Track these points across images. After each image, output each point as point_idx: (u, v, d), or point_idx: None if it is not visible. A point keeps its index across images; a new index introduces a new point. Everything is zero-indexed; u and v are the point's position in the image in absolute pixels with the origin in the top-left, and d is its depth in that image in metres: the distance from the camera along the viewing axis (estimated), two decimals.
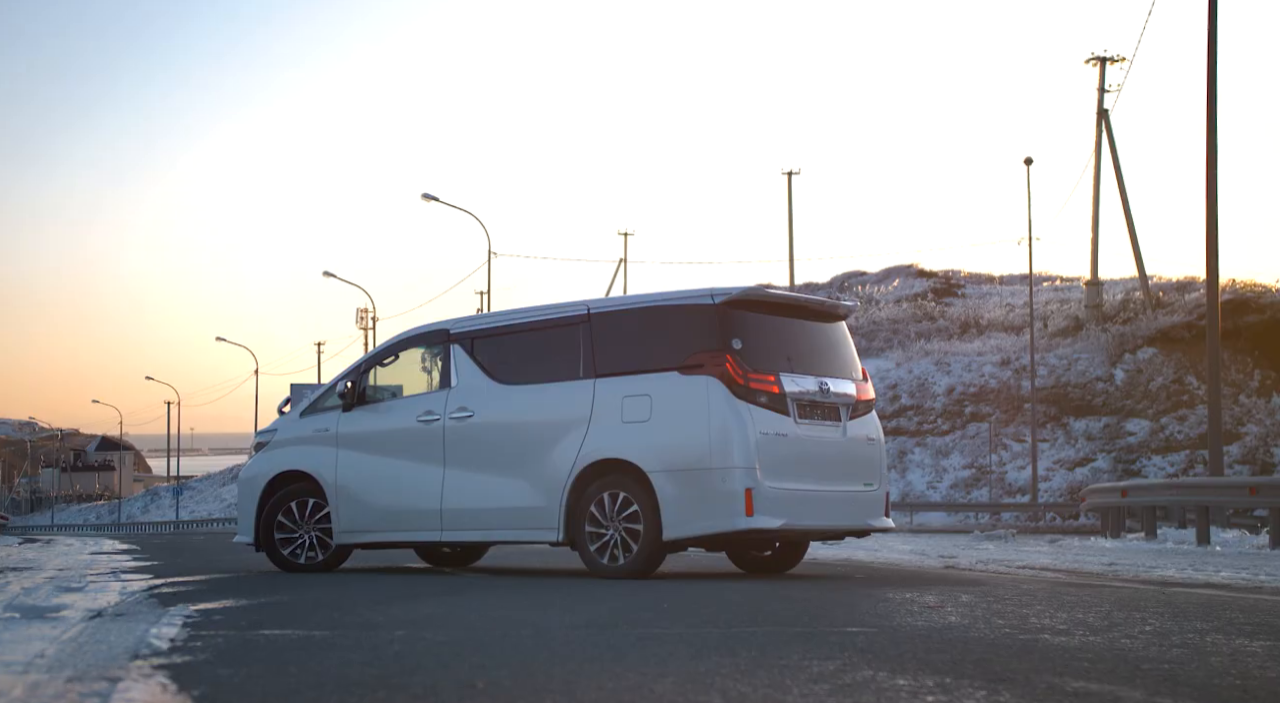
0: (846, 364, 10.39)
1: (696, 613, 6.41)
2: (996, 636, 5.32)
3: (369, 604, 7.10)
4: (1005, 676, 4.12)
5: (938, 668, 4.28)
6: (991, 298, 59.97)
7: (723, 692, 3.77)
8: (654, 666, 4.32)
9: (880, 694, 3.75)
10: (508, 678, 4.05)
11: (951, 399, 46.38)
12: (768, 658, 4.52)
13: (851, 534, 10.42)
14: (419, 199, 40.32)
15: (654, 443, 9.57)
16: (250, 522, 11.19)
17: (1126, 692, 3.82)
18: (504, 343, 10.59)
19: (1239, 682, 4.08)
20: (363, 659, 4.52)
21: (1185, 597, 7.81)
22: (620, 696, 3.68)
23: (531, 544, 10.42)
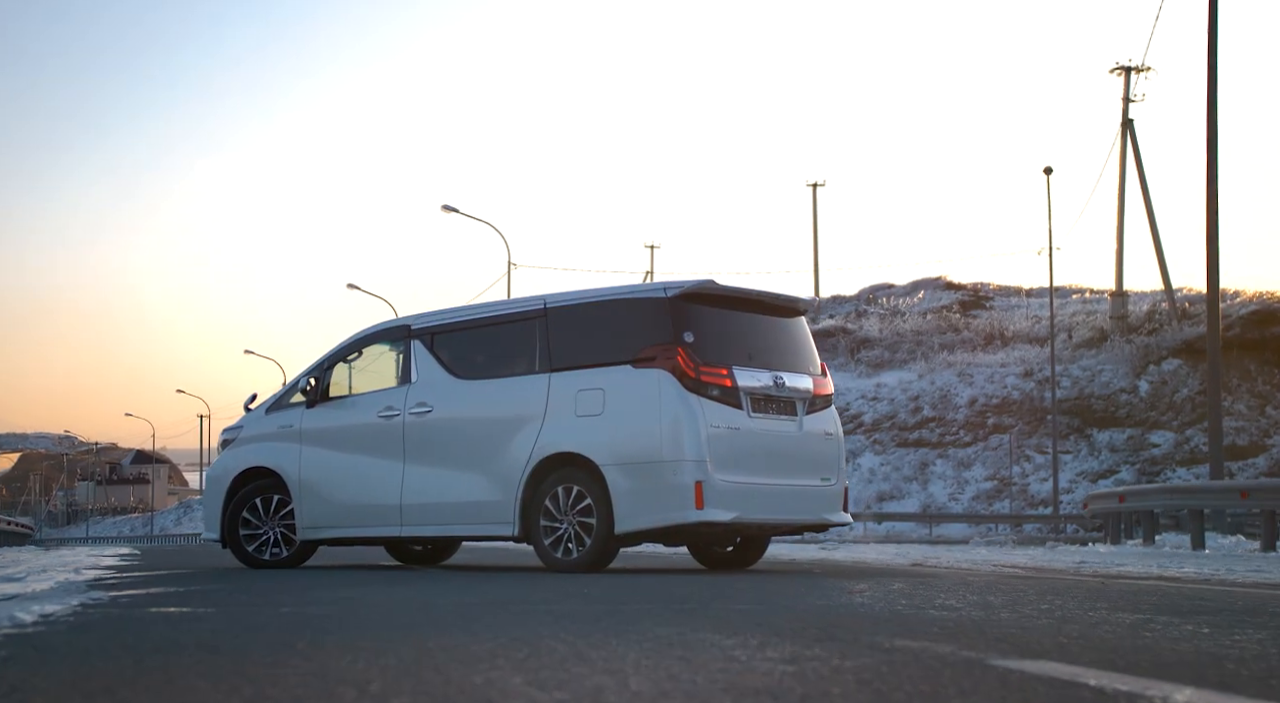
0: (804, 359, 10.35)
1: (604, 595, 6.41)
2: (882, 611, 5.29)
3: (286, 590, 7.13)
4: (837, 636, 4.10)
5: (779, 631, 4.27)
6: (1019, 310, 59.60)
7: (534, 646, 3.77)
8: (502, 631, 4.32)
9: (693, 648, 3.74)
10: (339, 642, 4.06)
11: (974, 411, 46.10)
12: (626, 626, 4.51)
13: (808, 529, 10.38)
14: (439, 211, 40.53)
15: (606, 437, 9.57)
16: (216, 519, 11.26)
17: (941, 646, 3.79)
18: (463, 338, 10.63)
19: (1066, 641, 4.04)
20: (214, 628, 4.54)
21: (1120, 586, 7.73)
22: (435, 652, 3.68)
23: (495, 540, 10.42)
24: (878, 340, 51.01)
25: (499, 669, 3.26)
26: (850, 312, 60.66)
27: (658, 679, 3.09)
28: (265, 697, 2.83)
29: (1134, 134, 49.55)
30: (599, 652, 3.66)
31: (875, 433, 45.63)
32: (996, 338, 52.08)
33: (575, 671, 3.24)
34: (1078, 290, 66.21)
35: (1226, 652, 3.82)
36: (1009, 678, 3.17)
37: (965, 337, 52.02)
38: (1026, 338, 51.64)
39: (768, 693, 2.88)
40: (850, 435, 45.68)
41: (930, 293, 64.54)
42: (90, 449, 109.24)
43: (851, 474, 44.41)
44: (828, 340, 51.40)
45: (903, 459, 44.72)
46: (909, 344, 50.79)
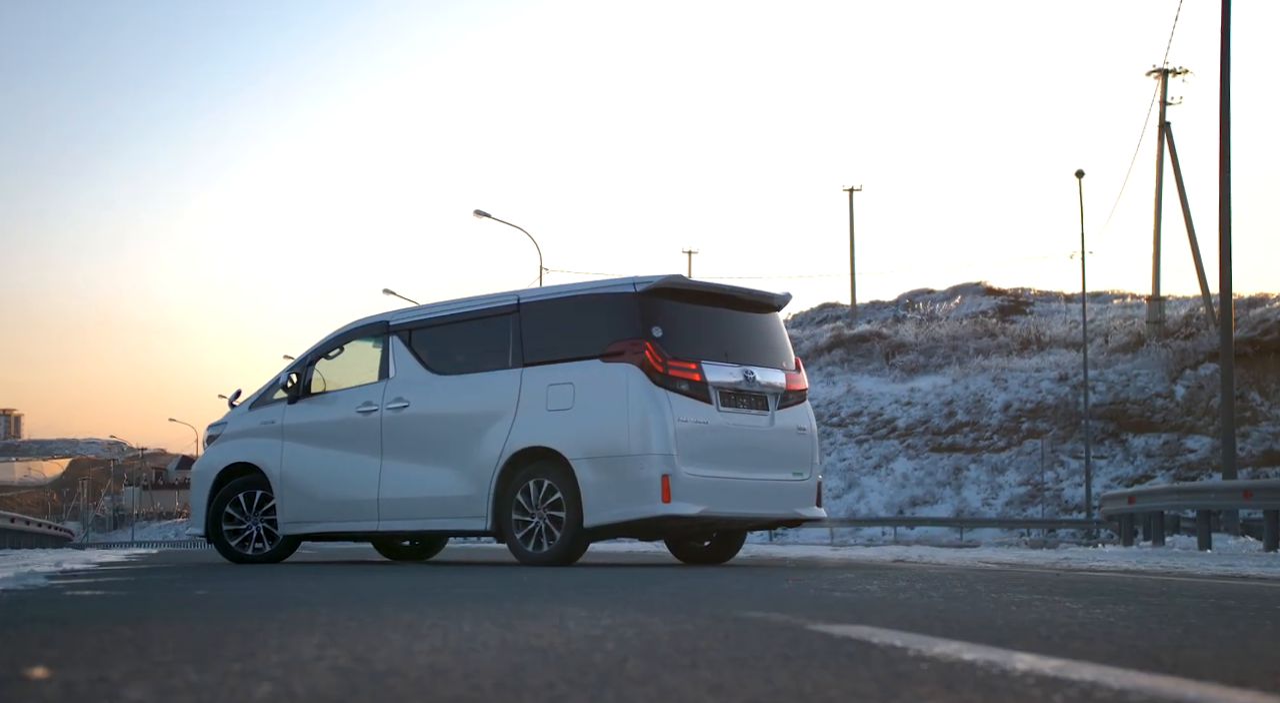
0: (777, 354, 10.35)
1: (533, 580, 6.46)
2: (777, 593, 5.32)
3: (223, 579, 7.24)
4: (695, 610, 4.13)
5: (645, 607, 4.30)
6: (1058, 315, 59.20)
7: (378, 618, 3.83)
8: (373, 609, 4.39)
9: (535, 619, 3.79)
10: (202, 617, 4.14)
11: (1008, 416, 45.79)
12: (507, 608, 4.55)
13: (781, 523, 10.39)
14: (472, 215, 40.75)
15: (576, 431, 9.62)
16: (201, 514, 11.40)
17: (779, 616, 3.83)
18: (439, 334, 10.72)
19: (917, 614, 4.04)
20: (103, 607, 4.63)
21: (1072, 576, 7.69)
22: (276, 629, 3.75)
23: (469, 534, 10.50)
24: (913, 345, 50.77)
25: (310, 635, 3.32)
26: (888, 317, 60.46)
27: (453, 639, 3.14)
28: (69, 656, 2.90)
29: (1171, 137, 49.10)
30: (440, 622, 3.72)
31: (909, 438, 45.43)
32: (1033, 343, 51.72)
33: (388, 636, 3.30)
34: (1119, 295, 65.68)
35: (1071, 622, 3.82)
36: (803, 636, 3.21)
37: (1001, 342, 51.70)
38: (1063, 343, 51.25)
39: (547, 649, 2.92)
40: (883, 440, 45.52)
41: (970, 298, 64.22)
42: (137, 455, 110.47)
43: (885, 479, 44.28)
44: (862, 345, 51.26)
45: (936, 464, 44.47)
46: (944, 349, 50.52)
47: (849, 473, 44.19)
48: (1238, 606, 4.75)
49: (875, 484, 43.72)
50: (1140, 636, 3.40)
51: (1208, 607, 4.64)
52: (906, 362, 49.49)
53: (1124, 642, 3.22)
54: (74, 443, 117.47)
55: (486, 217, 40.54)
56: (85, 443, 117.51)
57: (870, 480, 43.87)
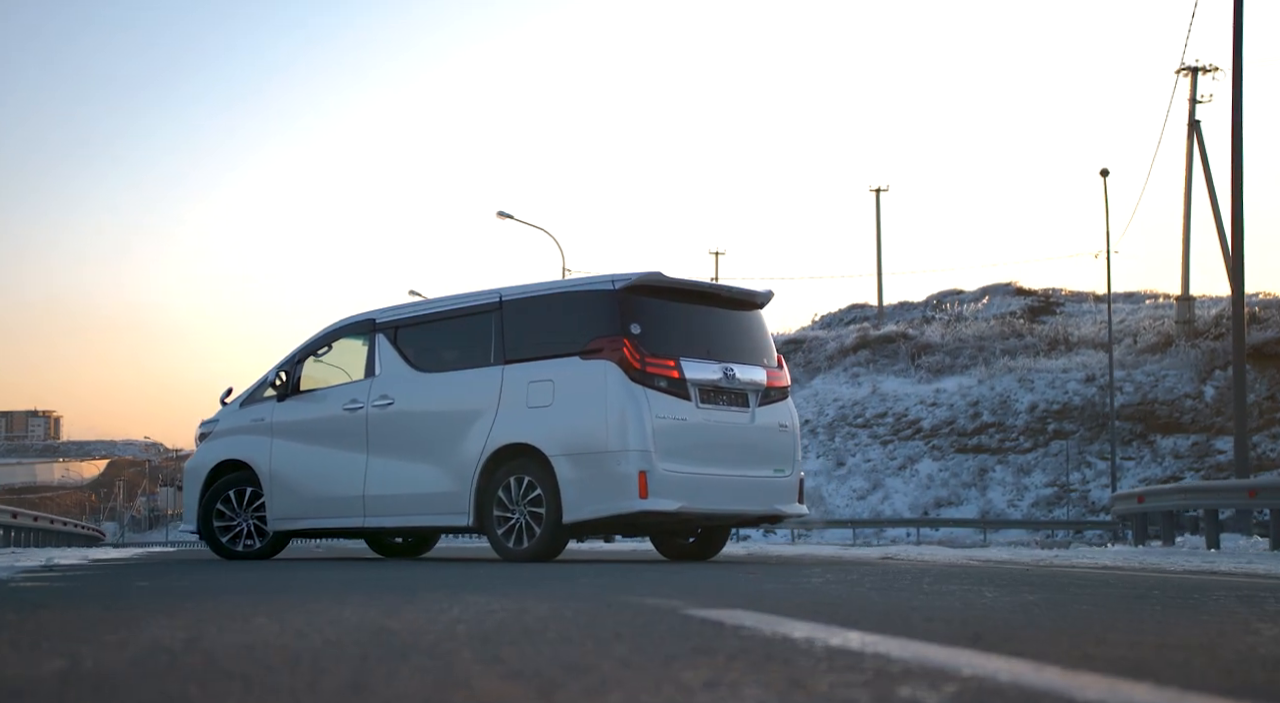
0: (758, 351, 10.37)
1: (475, 576, 6.52)
2: (722, 588, 5.35)
3: (192, 573, 7.33)
4: (611, 600, 4.17)
5: (570, 595, 4.36)
6: (1088, 315, 58.82)
7: (275, 605, 3.90)
8: (302, 597, 4.46)
9: (456, 605, 3.84)
10: (130, 604, 4.21)
11: (1034, 416, 45.54)
12: (408, 597, 4.61)
13: (761, 520, 10.40)
14: (495, 217, 40.91)
15: (555, 427, 9.68)
16: (194, 511, 11.52)
17: (672, 601, 3.87)
18: (424, 331, 10.80)
19: (819, 603, 4.07)
20: (43, 598, 4.73)
21: (1037, 572, 7.68)
22: (181, 611, 3.82)
23: (452, 531, 10.57)
24: (939, 346, 50.57)
25: (172, 619, 3.38)
26: (917, 318, 60.25)
27: (320, 622, 3.20)
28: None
29: (1201, 135, 48.70)
30: (328, 608, 3.78)
31: (934, 439, 45.26)
32: (1061, 343, 51.42)
33: (258, 622, 3.36)
34: (1151, 295, 65.16)
35: (961, 608, 3.84)
36: (664, 618, 3.29)
37: (1029, 342, 51.42)
38: (1092, 343, 50.91)
39: (397, 629, 2.97)
40: (908, 441, 45.36)
41: (1000, 299, 63.89)
42: (173, 456, 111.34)
43: (909, 480, 44.12)
44: (888, 346, 51.12)
45: (961, 465, 44.29)
46: (970, 350, 50.31)
47: (873, 474, 44.07)
48: (1148, 596, 4.75)
49: (899, 485, 43.59)
50: (999, 619, 3.41)
51: (1116, 596, 4.64)
52: (932, 362, 49.31)
53: (977, 624, 3.23)
54: (112, 444, 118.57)
55: (509, 218, 40.69)
56: (123, 444, 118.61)
57: (895, 482, 43.74)
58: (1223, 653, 2.67)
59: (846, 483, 43.90)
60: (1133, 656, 2.55)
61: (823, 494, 43.32)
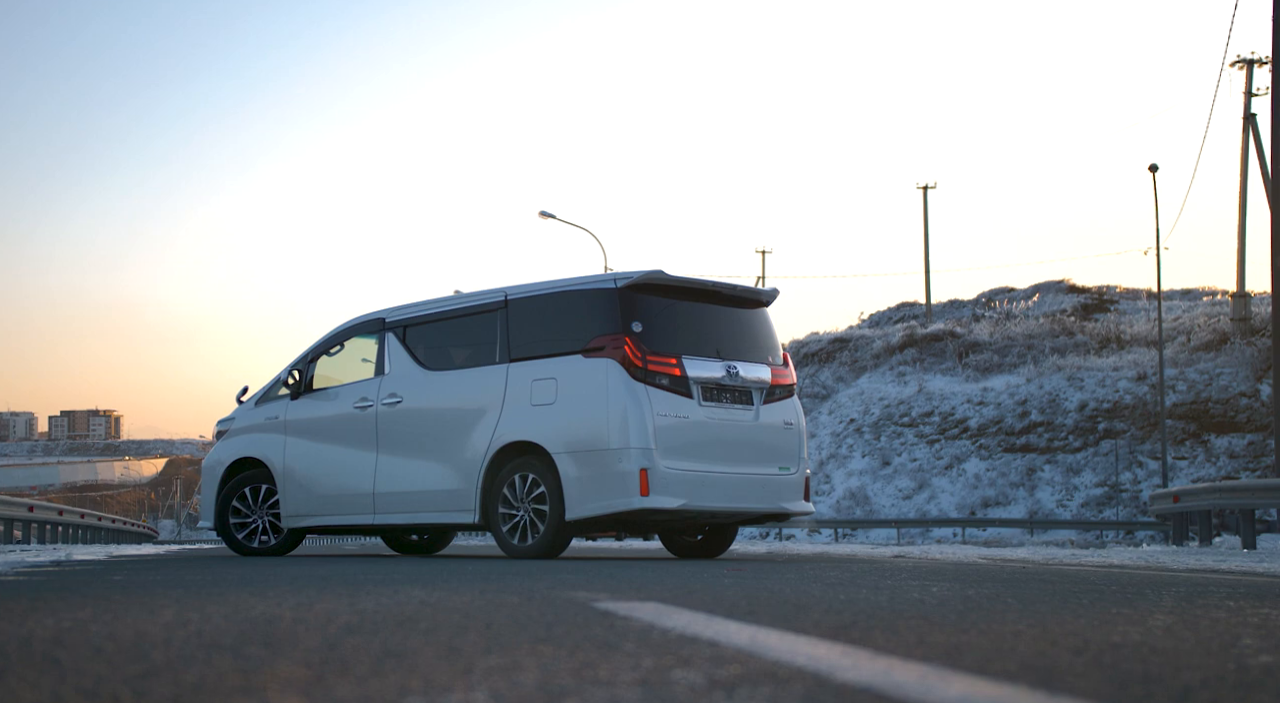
0: (762, 349, 10.35)
1: (444, 571, 6.57)
2: (689, 585, 5.35)
3: (181, 570, 7.43)
4: (527, 592, 4.19)
5: (489, 590, 4.37)
6: (1143, 313, 58.13)
7: (297, 601, 3.95)
8: (270, 588, 4.52)
9: (374, 595, 3.88)
10: (140, 599, 4.29)
11: (1084, 416, 45.06)
12: (365, 589, 4.66)
13: (766, 518, 10.36)
14: (537, 216, 41.05)
15: (558, 425, 9.71)
16: (211, 508, 11.66)
17: (593, 594, 3.87)
18: (432, 330, 10.87)
19: (742, 599, 4.07)
20: (25, 588, 4.82)
21: (1039, 569, 7.62)
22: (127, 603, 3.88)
23: (458, 528, 10.63)
24: (987, 344, 50.17)
25: (82, 609, 3.44)
26: (966, 316, 59.80)
27: (254, 613, 3.24)
28: None
29: (1256, 129, 48.00)
30: (284, 598, 3.83)
31: (981, 438, 44.91)
32: (1112, 341, 50.86)
33: (209, 610, 3.40)
34: (1208, 292, 64.32)
35: (881, 601, 3.82)
36: (567, 609, 3.33)
37: (1079, 340, 50.91)
38: (1144, 341, 50.30)
39: (312, 617, 3.00)
40: (955, 441, 45.02)
41: (1052, 296, 63.30)
42: None
43: (956, 479, 43.79)
44: (935, 344, 50.78)
45: (1009, 465, 43.91)
46: (1019, 348, 49.87)
47: (919, 473, 43.79)
48: (1090, 592, 4.70)
49: (946, 485, 43.29)
50: (903, 612, 3.40)
51: (1058, 592, 4.60)
52: (980, 361, 48.93)
53: (869, 616, 3.22)
54: (170, 443, 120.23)
55: (551, 217, 40.79)
56: (180, 443, 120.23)
57: (941, 481, 43.45)
58: (1064, 643, 2.66)
59: (892, 483, 43.67)
60: (970, 643, 2.54)
61: (868, 494, 43.14)
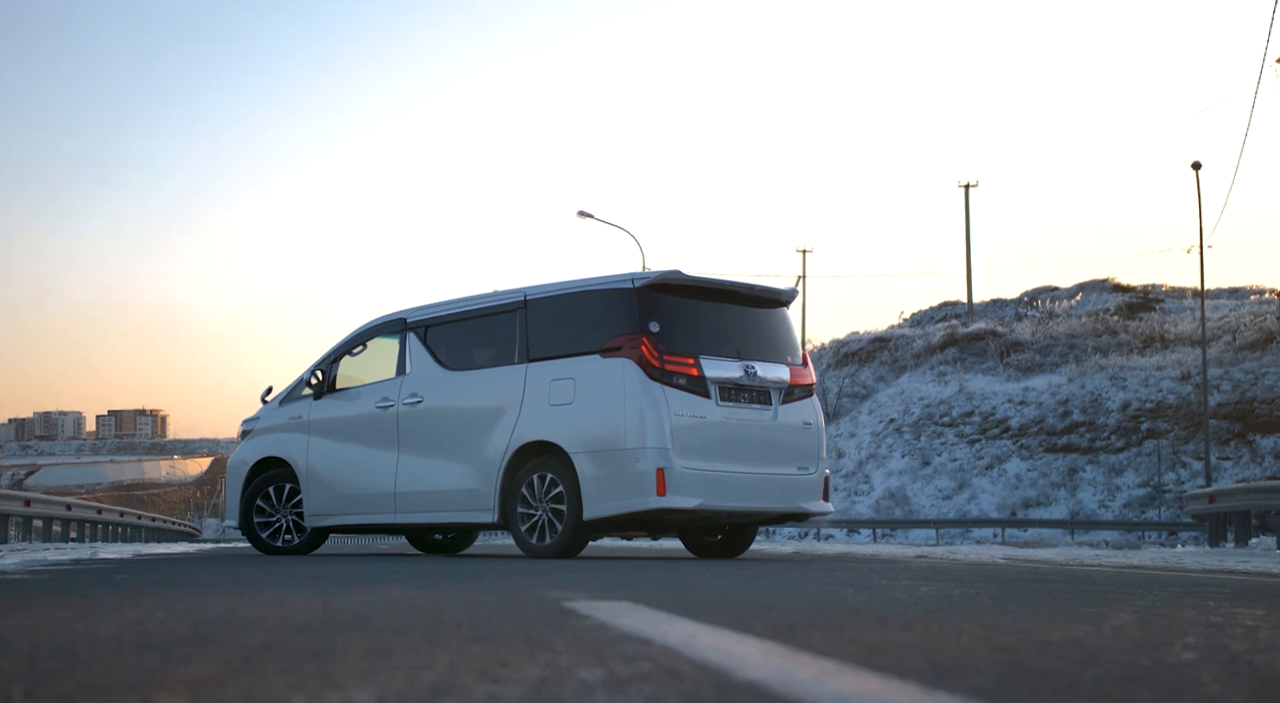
0: (781, 349, 10.34)
1: (437, 574, 6.61)
2: (672, 585, 5.37)
3: (168, 568, 7.52)
4: (500, 589, 4.23)
5: (465, 589, 4.41)
6: (1188, 312, 57.53)
7: (268, 599, 4.02)
8: (255, 585, 4.58)
9: (360, 594, 3.93)
10: (130, 598, 4.36)
11: (1126, 415, 44.65)
12: (349, 586, 4.72)
13: (785, 517, 10.35)
14: (575, 216, 41.13)
15: (576, 425, 9.74)
16: (236, 506, 11.76)
17: (561, 593, 3.90)
18: (452, 330, 10.92)
19: (703, 597, 4.08)
20: (26, 585, 4.91)
21: (1049, 569, 7.59)
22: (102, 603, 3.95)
23: (478, 527, 10.69)
24: (1029, 344, 49.82)
25: (62, 607, 3.50)
26: (1009, 315, 59.42)
27: (237, 609, 3.30)
28: None
29: None
30: (270, 596, 3.88)
31: (1022, 438, 44.59)
32: (1156, 340, 50.36)
33: (206, 606, 3.46)
34: (1256, 290, 63.59)
35: (849, 600, 3.83)
36: (540, 609, 3.35)
37: (1122, 340, 50.45)
38: (1188, 340, 49.77)
39: (272, 614, 3.05)
40: (996, 440, 44.71)
41: (1096, 295, 62.77)
42: None
43: (996, 479, 43.51)
44: (976, 344, 50.49)
45: (1050, 465, 43.58)
46: (1061, 347, 49.49)
47: (959, 473, 43.55)
48: (1094, 591, 4.68)
49: (987, 485, 43.02)
50: (863, 610, 3.40)
51: (1040, 592, 4.58)
52: (1021, 361, 48.59)
53: (823, 615, 3.23)
54: (215, 442, 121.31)
55: (590, 217, 40.86)
56: (226, 442, 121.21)
57: (981, 481, 43.18)
58: (996, 641, 2.66)
59: (932, 483, 43.45)
60: (900, 642, 2.54)
61: (908, 494, 42.95)
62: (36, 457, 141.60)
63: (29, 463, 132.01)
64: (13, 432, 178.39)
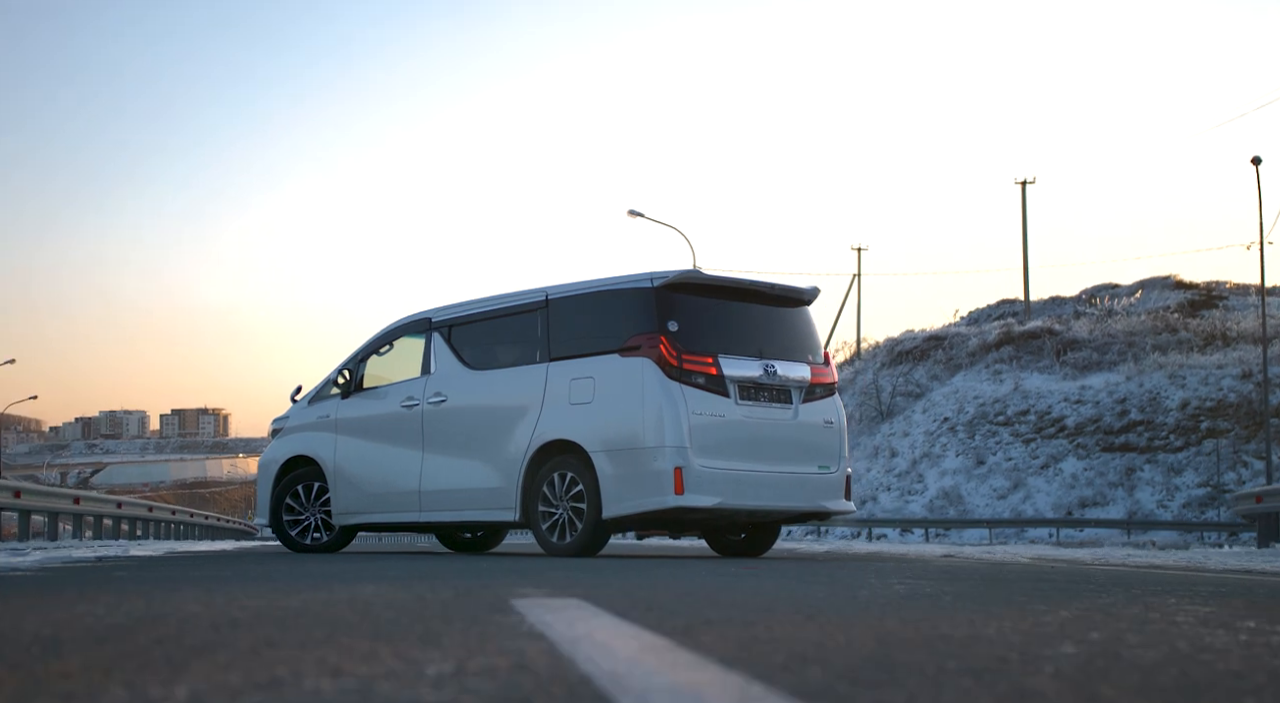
0: (802, 348, 10.30)
1: (453, 570, 6.65)
2: (642, 582, 5.38)
3: (176, 564, 7.61)
4: (455, 587, 4.25)
5: (418, 585, 4.44)
6: (1252, 310, 56.60)
7: (215, 597, 4.08)
8: (246, 581, 4.64)
9: (328, 590, 3.97)
10: (79, 589, 4.44)
11: (1185, 414, 44.04)
12: (320, 583, 4.76)
13: (806, 516, 10.32)
14: (625, 215, 41.18)
15: (595, 424, 9.76)
16: (266, 505, 11.90)
17: (527, 590, 3.91)
18: (475, 330, 10.98)
19: (664, 596, 4.08)
20: (28, 581, 5.00)
21: (1063, 568, 7.51)
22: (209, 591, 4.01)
23: (500, 526, 10.74)
24: (1086, 342, 49.26)
25: (47, 600, 3.56)
26: (1067, 313, 58.78)
27: (216, 600, 3.35)
28: None
29: None
30: (245, 587, 3.93)
31: (1078, 437, 44.10)
32: (1217, 338, 49.62)
33: (178, 601, 3.51)
34: None
35: (817, 597, 3.81)
36: (475, 605, 3.37)
37: (1182, 337, 49.75)
38: (1251, 338, 48.98)
39: (298, 608, 3.09)
40: (1051, 440, 44.24)
41: (1157, 293, 61.96)
42: None
43: (1052, 479, 43.05)
44: (1032, 342, 50.01)
45: (1107, 464, 43.06)
46: (1120, 345, 48.89)
47: (1014, 473, 43.14)
48: (1075, 591, 4.63)
49: (1042, 485, 42.59)
50: (799, 611, 3.39)
51: (1042, 589, 4.53)
52: (1078, 359, 48.05)
53: (755, 611, 3.22)
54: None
55: (640, 216, 40.89)
56: None
57: (1037, 481, 42.76)
58: (891, 638, 2.64)
59: (986, 482, 43.08)
60: (786, 637, 2.53)
61: (961, 493, 42.62)
62: (102, 455, 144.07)
63: (94, 461, 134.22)
64: (79, 430, 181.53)
